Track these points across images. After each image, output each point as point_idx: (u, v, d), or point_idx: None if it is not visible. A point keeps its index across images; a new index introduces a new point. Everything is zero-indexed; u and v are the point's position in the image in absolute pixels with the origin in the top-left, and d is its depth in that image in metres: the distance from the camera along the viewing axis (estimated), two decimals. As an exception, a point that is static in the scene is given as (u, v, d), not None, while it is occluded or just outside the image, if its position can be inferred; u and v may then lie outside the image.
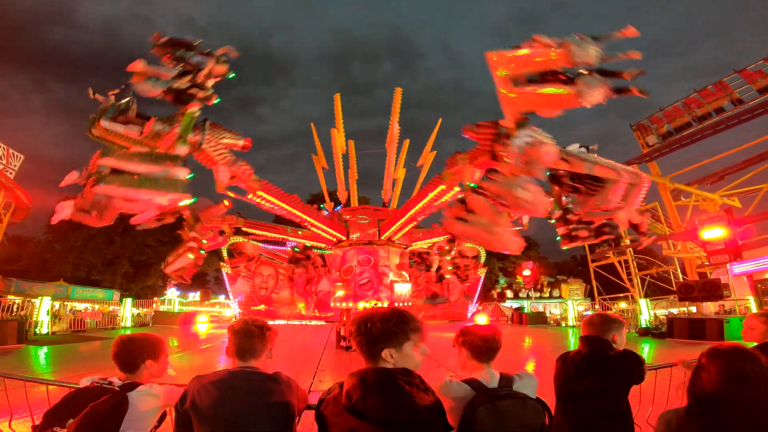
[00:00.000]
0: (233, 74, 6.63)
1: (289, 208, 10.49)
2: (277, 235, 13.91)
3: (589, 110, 7.69)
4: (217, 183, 7.90)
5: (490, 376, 1.84)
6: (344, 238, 12.47)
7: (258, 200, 9.75)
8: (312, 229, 12.43)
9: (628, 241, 12.04)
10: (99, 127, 5.87)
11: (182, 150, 6.44)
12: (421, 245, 17.66)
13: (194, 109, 6.37)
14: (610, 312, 4.55)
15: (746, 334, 2.86)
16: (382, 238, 12.22)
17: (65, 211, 6.24)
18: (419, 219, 11.12)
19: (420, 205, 9.88)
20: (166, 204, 6.34)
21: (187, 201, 6.45)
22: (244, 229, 17.99)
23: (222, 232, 13.02)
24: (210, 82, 6.49)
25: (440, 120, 15.60)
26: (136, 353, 1.99)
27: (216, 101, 6.57)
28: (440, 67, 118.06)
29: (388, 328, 1.54)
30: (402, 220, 11.26)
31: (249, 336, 1.85)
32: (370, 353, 1.56)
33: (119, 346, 2.00)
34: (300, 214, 10.98)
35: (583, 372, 2.27)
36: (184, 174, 6.32)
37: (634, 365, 2.28)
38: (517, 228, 10.16)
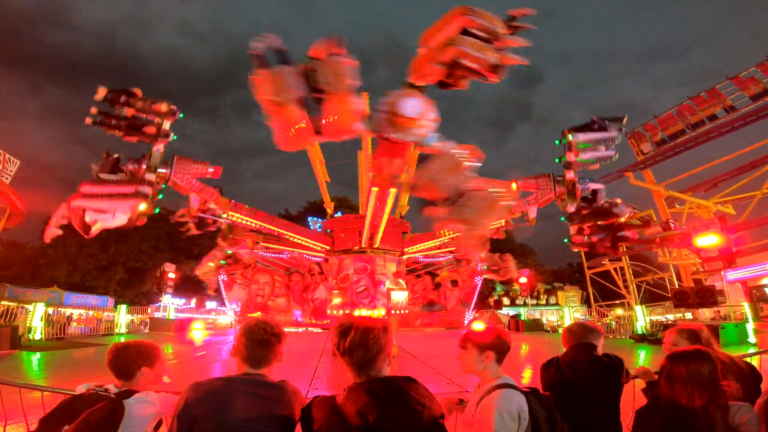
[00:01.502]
0: (182, 114, 7.54)
1: (267, 225, 11.08)
2: (285, 248, 14.05)
3: (581, 118, 8.03)
4: (190, 209, 9.20)
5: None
6: (328, 248, 12.62)
7: (235, 218, 10.40)
8: (296, 241, 12.53)
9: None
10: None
11: (150, 177, 7.54)
12: (417, 248, 17.63)
13: (159, 147, 7.52)
14: (588, 321, 4.63)
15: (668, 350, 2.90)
16: (377, 247, 12.30)
17: (53, 231, 7.05)
18: (378, 223, 11.24)
19: (370, 208, 10.11)
20: (128, 210, 7.17)
21: (144, 206, 7.22)
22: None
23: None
24: (166, 123, 7.38)
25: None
26: (131, 361, 1.98)
27: (174, 138, 7.57)
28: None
29: (382, 335, 1.56)
30: (436, 243, 11.78)
31: (265, 344, 1.80)
32: (364, 362, 1.54)
33: (114, 353, 1.99)
34: (275, 228, 11.44)
35: (583, 375, 2.33)
36: (147, 191, 7.28)
37: (621, 367, 2.39)
38: (523, 223, 10.21)
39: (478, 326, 17.13)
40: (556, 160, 8.82)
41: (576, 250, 9.36)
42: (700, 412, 1.75)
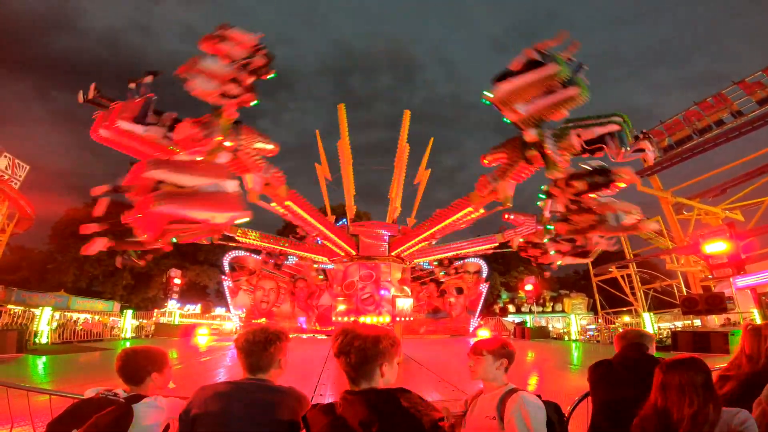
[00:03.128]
0: (275, 74, 5.44)
1: (313, 220, 10.22)
2: (275, 246, 13.81)
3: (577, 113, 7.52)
4: (249, 192, 6.71)
5: None
6: (354, 252, 12.39)
7: (282, 210, 8.79)
8: (325, 242, 12.34)
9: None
10: (108, 128, 5.07)
11: (223, 158, 5.61)
12: (405, 247, 17.57)
13: (232, 111, 5.34)
14: (639, 328, 4.65)
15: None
16: (393, 254, 12.34)
17: (99, 245, 5.67)
18: (436, 238, 11.53)
19: (441, 225, 10.10)
20: (225, 223, 5.58)
21: (245, 218, 5.63)
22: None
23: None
24: (249, 79, 5.32)
25: (432, 139, 15.60)
26: (140, 366, 2.00)
27: (255, 102, 5.41)
28: (439, 80, 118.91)
29: (381, 344, 1.55)
30: (418, 238, 11.53)
31: (251, 353, 1.81)
32: (363, 371, 1.54)
33: (124, 359, 2.01)
34: (321, 228, 10.72)
35: (635, 372, 2.33)
36: (233, 186, 5.45)
37: None
38: (500, 206, 10.16)
39: (484, 333, 17.00)
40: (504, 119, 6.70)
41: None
42: (695, 419, 1.75)
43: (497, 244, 12.56)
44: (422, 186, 15.63)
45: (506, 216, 11.16)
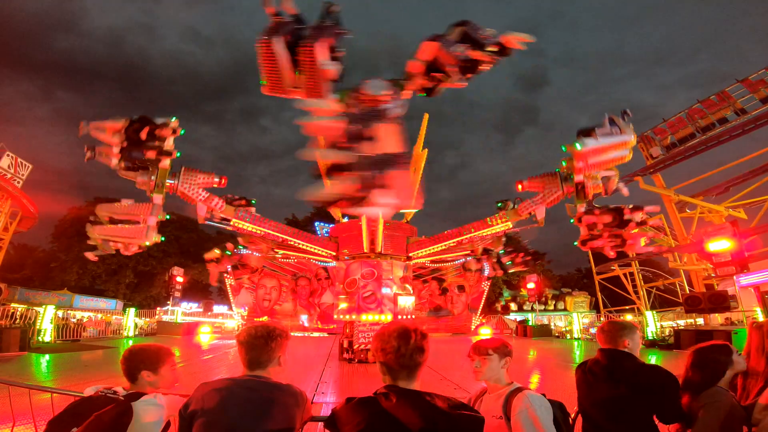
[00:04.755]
0: (182, 130, 8.23)
1: (266, 231, 11.59)
2: (298, 254, 14.17)
3: (592, 122, 7.93)
4: (198, 217, 9.76)
5: None
6: (334, 253, 12.80)
7: (240, 225, 10.85)
8: (303, 246, 12.68)
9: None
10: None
11: (158, 199, 8.44)
12: (422, 253, 17.62)
13: (166, 163, 8.37)
14: (620, 319, 4.63)
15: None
16: (410, 255, 12.84)
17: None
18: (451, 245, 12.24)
19: (469, 235, 11.23)
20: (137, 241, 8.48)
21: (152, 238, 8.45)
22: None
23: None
24: (169, 140, 8.07)
25: (426, 115, 15.29)
26: (133, 365, 2.00)
27: (177, 155, 8.33)
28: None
29: (422, 343, 1.62)
30: (442, 246, 12.09)
31: (253, 348, 1.83)
32: (408, 370, 1.60)
33: (123, 356, 2.04)
34: (281, 236, 11.84)
35: (600, 380, 2.32)
36: (152, 221, 8.34)
37: (658, 381, 2.21)
38: (532, 225, 10.26)
39: (485, 331, 16.94)
40: (558, 169, 9.04)
41: (586, 250, 9.35)
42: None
43: (511, 225, 10.90)
44: (419, 170, 15.45)
45: (520, 185, 9.65)
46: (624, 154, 7.80)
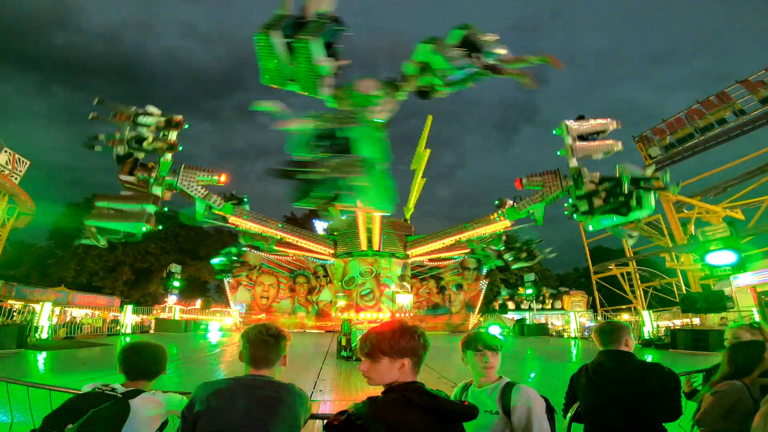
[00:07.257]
0: (187, 125, 8.45)
1: (263, 228, 11.91)
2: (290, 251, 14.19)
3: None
4: (196, 214, 10.15)
5: None
6: (332, 251, 12.87)
7: (237, 222, 11.35)
8: (299, 243, 12.79)
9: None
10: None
11: (156, 191, 8.67)
12: (421, 252, 17.70)
13: (167, 157, 8.64)
14: (615, 320, 4.65)
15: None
16: (409, 252, 12.80)
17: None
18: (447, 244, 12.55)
19: (468, 233, 11.41)
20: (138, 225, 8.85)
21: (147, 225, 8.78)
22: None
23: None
24: (172, 134, 8.36)
25: (430, 117, 15.35)
26: (138, 364, 2.00)
27: (180, 149, 8.47)
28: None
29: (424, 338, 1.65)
30: (440, 245, 12.13)
31: (264, 345, 1.82)
32: (417, 366, 1.62)
33: (124, 354, 2.02)
34: (278, 234, 12.12)
35: (609, 381, 2.33)
36: (151, 210, 8.66)
37: (664, 379, 2.27)
38: (530, 223, 10.39)
39: (495, 328, 16.96)
40: (559, 153, 9.28)
41: (591, 228, 10.14)
42: None
43: (509, 224, 11.32)
44: (420, 171, 15.53)
45: (520, 182, 9.92)
46: (610, 136, 9.33)
